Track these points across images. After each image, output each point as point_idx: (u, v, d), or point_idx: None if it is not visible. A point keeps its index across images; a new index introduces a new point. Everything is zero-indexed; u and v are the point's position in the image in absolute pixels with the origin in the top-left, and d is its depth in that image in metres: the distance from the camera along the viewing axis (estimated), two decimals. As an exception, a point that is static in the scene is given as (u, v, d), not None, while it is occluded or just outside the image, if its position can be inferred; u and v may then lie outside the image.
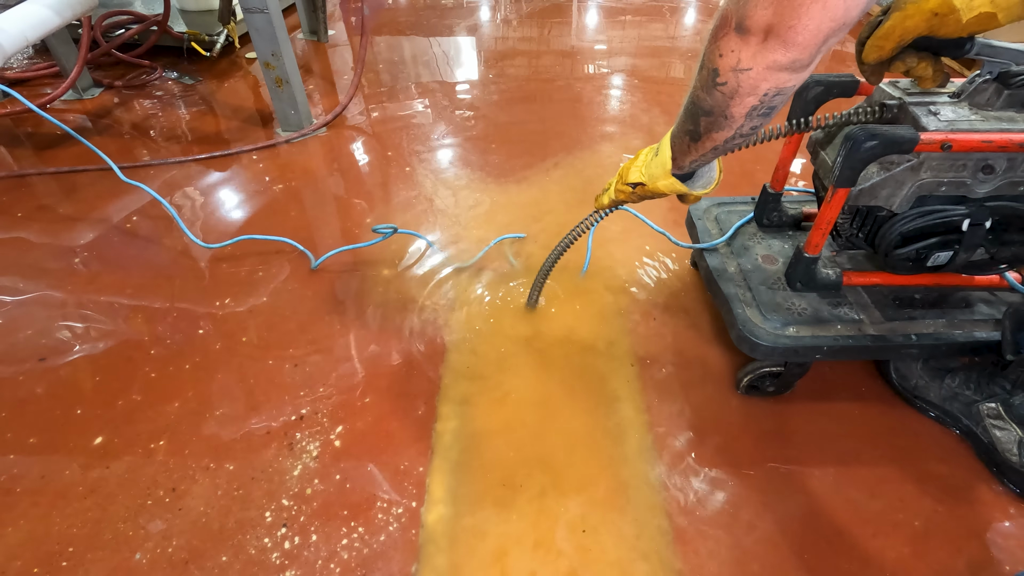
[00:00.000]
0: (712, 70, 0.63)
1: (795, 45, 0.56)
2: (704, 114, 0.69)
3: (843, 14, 0.53)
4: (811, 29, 0.54)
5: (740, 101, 0.64)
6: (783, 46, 0.56)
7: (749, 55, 0.59)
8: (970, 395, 1.06)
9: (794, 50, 0.56)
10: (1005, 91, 0.88)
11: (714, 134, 0.71)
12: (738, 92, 0.63)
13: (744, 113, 0.65)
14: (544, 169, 1.84)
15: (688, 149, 0.78)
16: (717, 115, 0.68)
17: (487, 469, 1.03)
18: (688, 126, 0.74)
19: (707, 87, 0.66)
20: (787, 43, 0.56)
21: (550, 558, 0.91)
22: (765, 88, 0.61)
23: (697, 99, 0.69)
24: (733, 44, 0.60)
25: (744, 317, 1.05)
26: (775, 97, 0.63)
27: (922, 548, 0.94)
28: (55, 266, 1.47)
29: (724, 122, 0.68)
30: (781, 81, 0.60)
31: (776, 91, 0.62)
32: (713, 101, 0.66)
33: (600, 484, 1.01)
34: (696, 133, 0.73)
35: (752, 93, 0.62)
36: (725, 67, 0.62)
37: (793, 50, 0.56)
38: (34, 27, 1.67)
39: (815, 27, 0.54)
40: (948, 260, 0.98)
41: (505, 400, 1.15)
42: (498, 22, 3.10)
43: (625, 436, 1.09)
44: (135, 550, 0.92)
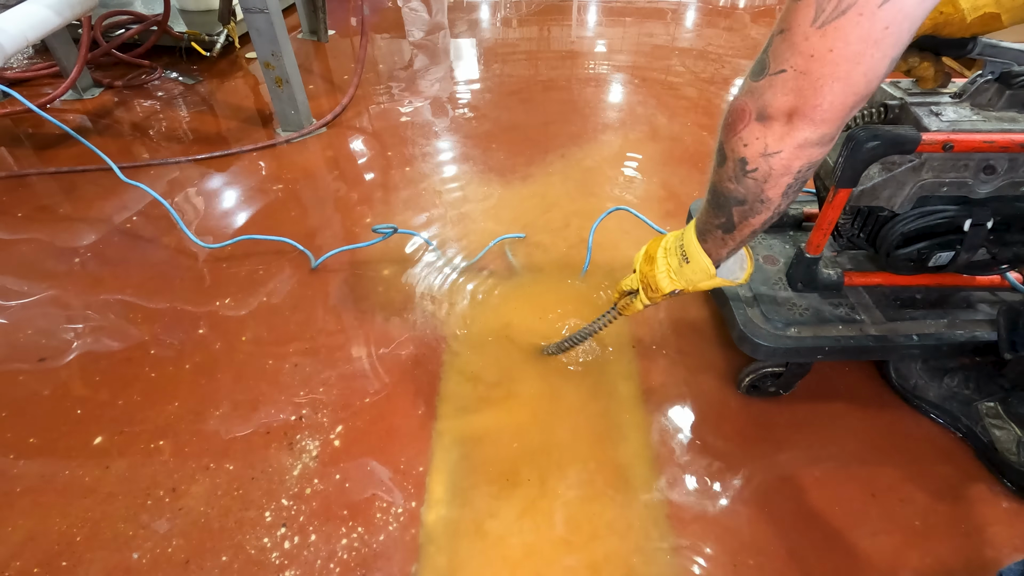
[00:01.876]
0: (739, 160, 0.64)
1: (822, 122, 0.57)
2: (737, 204, 0.69)
3: (864, 86, 0.54)
4: (836, 105, 0.55)
5: (775, 183, 0.64)
6: (811, 125, 0.57)
7: (776, 139, 0.60)
8: (969, 394, 1.06)
9: (822, 126, 0.57)
10: (1007, 91, 0.88)
11: (751, 219, 0.71)
12: (771, 175, 0.63)
13: (780, 193, 0.66)
14: (545, 166, 1.84)
15: (723, 241, 0.76)
16: (752, 201, 0.68)
17: (487, 469, 1.03)
18: (719, 220, 0.74)
19: (736, 178, 0.66)
20: (814, 121, 0.57)
21: (550, 558, 0.91)
22: (798, 166, 0.62)
23: (725, 191, 0.69)
24: (757, 132, 0.61)
25: (745, 318, 1.05)
26: (808, 171, 0.63)
27: (922, 547, 0.93)
28: (55, 266, 1.47)
29: (761, 206, 0.68)
30: (812, 156, 0.61)
31: (808, 166, 0.62)
32: (746, 190, 0.67)
33: (600, 484, 1.01)
34: (730, 224, 0.73)
35: (786, 173, 0.63)
36: (753, 155, 0.62)
37: (821, 126, 0.57)
38: (34, 27, 1.67)
39: (840, 103, 0.55)
40: (949, 260, 0.98)
41: (505, 400, 1.15)
42: (498, 22, 3.10)
43: (625, 436, 1.08)
44: (135, 550, 0.92)
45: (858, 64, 0.52)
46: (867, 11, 0.49)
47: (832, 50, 0.52)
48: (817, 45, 0.52)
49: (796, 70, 0.55)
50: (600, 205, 1.66)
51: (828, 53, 0.52)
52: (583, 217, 1.61)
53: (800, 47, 0.53)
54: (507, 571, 0.90)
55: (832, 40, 0.51)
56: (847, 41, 0.51)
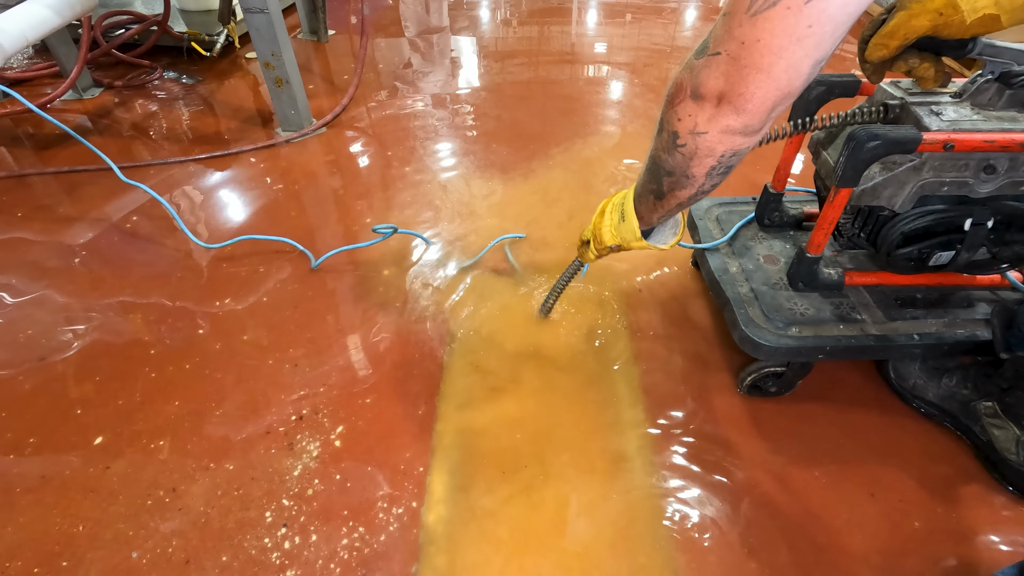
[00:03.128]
0: (672, 132, 0.68)
1: (745, 112, 0.60)
2: (666, 174, 0.74)
3: (786, 84, 0.57)
4: (759, 97, 0.58)
5: (700, 162, 0.68)
6: (735, 112, 0.60)
7: (704, 119, 0.63)
8: (967, 394, 1.06)
9: (744, 116, 0.61)
10: (1007, 91, 0.88)
11: (677, 192, 0.75)
12: (696, 154, 0.67)
13: (704, 173, 0.69)
14: (546, 165, 1.84)
15: (654, 207, 0.83)
16: (679, 175, 0.72)
17: (488, 469, 1.03)
18: (652, 186, 0.79)
19: (668, 148, 0.70)
20: (738, 109, 0.60)
21: (550, 558, 0.91)
22: (721, 150, 0.66)
23: (659, 159, 0.73)
24: (690, 109, 0.64)
25: (746, 317, 1.05)
26: (731, 158, 0.67)
27: (921, 547, 0.93)
28: (55, 266, 1.47)
29: (686, 181, 0.72)
30: (735, 144, 0.65)
31: (732, 152, 0.66)
32: (675, 162, 0.71)
33: (600, 484, 1.01)
34: (660, 192, 0.78)
35: (710, 155, 0.67)
36: (684, 130, 0.66)
37: (744, 116, 0.61)
38: (34, 27, 1.67)
39: (762, 95, 0.58)
40: (950, 260, 0.98)
41: (505, 400, 1.15)
42: (498, 21, 3.10)
43: (625, 436, 1.08)
44: (135, 550, 0.92)
45: (780, 58, 0.54)
46: (794, 6, 0.51)
47: (759, 40, 0.54)
48: (748, 33, 0.54)
49: (728, 55, 0.57)
50: (602, 197, 1.65)
51: (756, 43, 0.54)
52: (584, 215, 1.61)
53: (735, 32, 0.56)
54: (507, 571, 0.90)
55: (760, 30, 0.53)
56: (773, 33, 0.53)
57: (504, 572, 0.90)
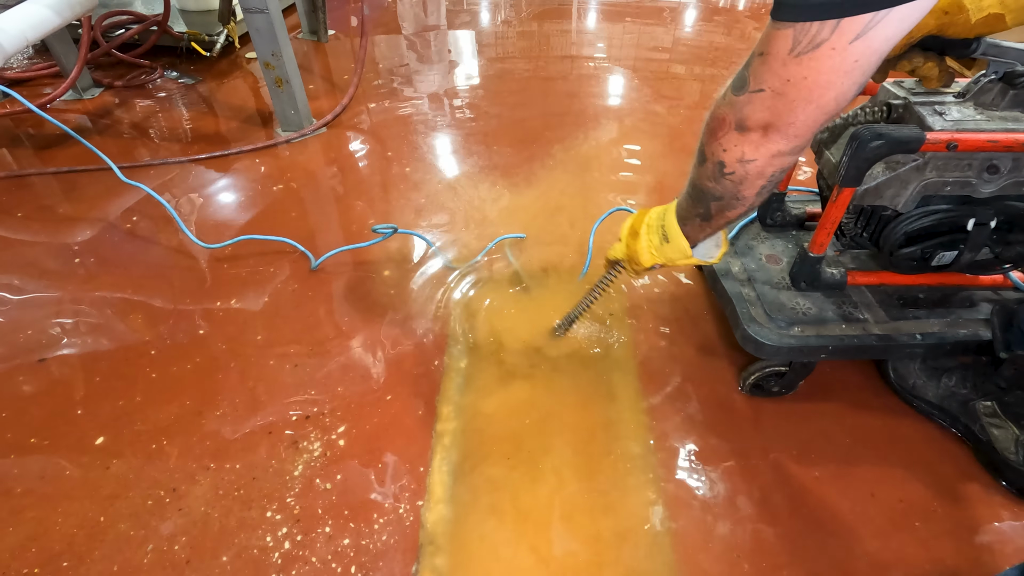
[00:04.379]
0: (718, 163, 0.69)
1: (795, 136, 0.62)
2: (715, 199, 0.75)
3: (835, 108, 0.58)
4: (808, 123, 0.60)
5: (750, 184, 0.69)
6: (784, 138, 0.62)
7: (752, 149, 0.65)
8: (967, 394, 1.06)
9: (794, 140, 0.62)
10: (1010, 91, 0.88)
11: (728, 213, 0.76)
12: (747, 179, 0.68)
13: (755, 193, 0.71)
14: (547, 165, 1.83)
15: (701, 228, 0.83)
16: (729, 198, 0.73)
17: (488, 469, 1.03)
18: (698, 210, 0.80)
19: (714, 178, 0.71)
20: (787, 136, 0.62)
21: (550, 558, 0.91)
22: (771, 172, 0.67)
23: (704, 188, 0.75)
24: (735, 141, 0.65)
25: (749, 317, 1.04)
26: (780, 174, 0.68)
27: (921, 547, 0.93)
28: (55, 266, 1.47)
29: (736, 203, 0.73)
30: (784, 163, 0.66)
31: (780, 170, 0.67)
32: (723, 189, 0.72)
33: (599, 484, 1.01)
34: (707, 215, 0.79)
35: (760, 177, 0.68)
36: (731, 160, 0.67)
37: (793, 140, 0.62)
38: (34, 27, 1.67)
39: (811, 121, 0.59)
40: (953, 260, 0.98)
41: (505, 401, 1.14)
42: (498, 22, 3.10)
43: (626, 437, 1.08)
44: (136, 550, 0.92)
45: (829, 90, 0.56)
46: (839, 46, 0.53)
47: (807, 78, 0.56)
48: (793, 72, 0.56)
49: (773, 91, 0.59)
50: (602, 200, 1.65)
51: (803, 80, 0.56)
52: (585, 215, 1.61)
53: (778, 72, 0.57)
54: (507, 571, 0.90)
55: (807, 69, 0.55)
56: (820, 71, 0.55)
57: (505, 572, 0.90)
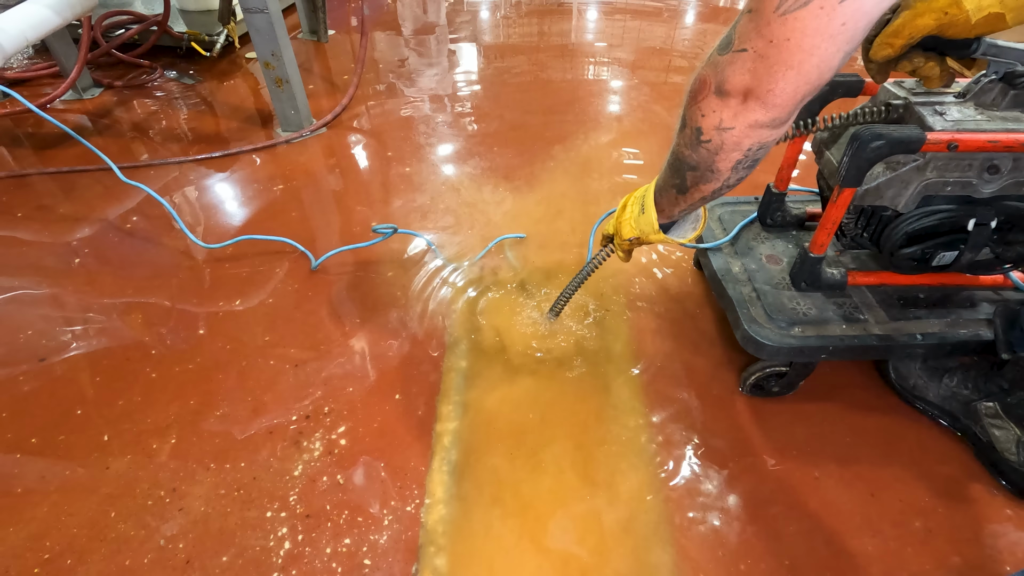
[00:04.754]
0: (695, 129, 0.66)
1: (774, 106, 0.59)
2: (690, 169, 0.72)
3: (816, 77, 0.56)
4: (788, 92, 0.57)
5: (725, 156, 0.67)
6: (762, 107, 0.59)
7: (730, 115, 0.62)
8: (968, 394, 1.06)
9: (773, 110, 0.59)
10: (1011, 91, 0.88)
11: (702, 186, 0.74)
12: (722, 148, 0.66)
13: (730, 167, 0.68)
14: (547, 165, 1.84)
15: (676, 201, 0.81)
16: (703, 170, 0.70)
17: (487, 469, 1.03)
18: (674, 180, 0.77)
19: (691, 145, 0.69)
20: (766, 104, 0.59)
21: (550, 558, 0.91)
22: (748, 144, 0.64)
23: (682, 155, 0.72)
24: (714, 105, 0.63)
25: (749, 317, 1.04)
26: (758, 151, 0.66)
27: (921, 548, 0.93)
28: (55, 266, 1.46)
29: (711, 175, 0.71)
30: (763, 137, 0.63)
31: (759, 146, 0.65)
32: (699, 157, 0.69)
33: (599, 483, 1.01)
34: (683, 187, 0.76)
35: (736, 149, 0.65)
36: (708, 126, 0.65)
37: (772, 110, 0.59)
38: (34, 27, 1.66)
39: (792, 90, 0.57)
40: (953, 260, 0.98)
41: (504, 401, 1.14)
42: (498, 21, 3.10)
43: (626, 437, 1.08)
44: (136, 550, 0.92)
45: (812, 55, 0.54)
46: (827, 5, 0.51)
47: (789, 39, 0.53)
48: (777, 32, 0.53)
49: (756, 52, 0.56)
50: (602, 200, 1.65)
51: (785, 42, 0.53)
52: (585, 214, 1.61)
53: (762, 31, 0.55)
54: (507, 571, 0.90)
55: (791, 29, 0.53)
56: (804, 32, 0.52)
57: (505, 572, 0.90)
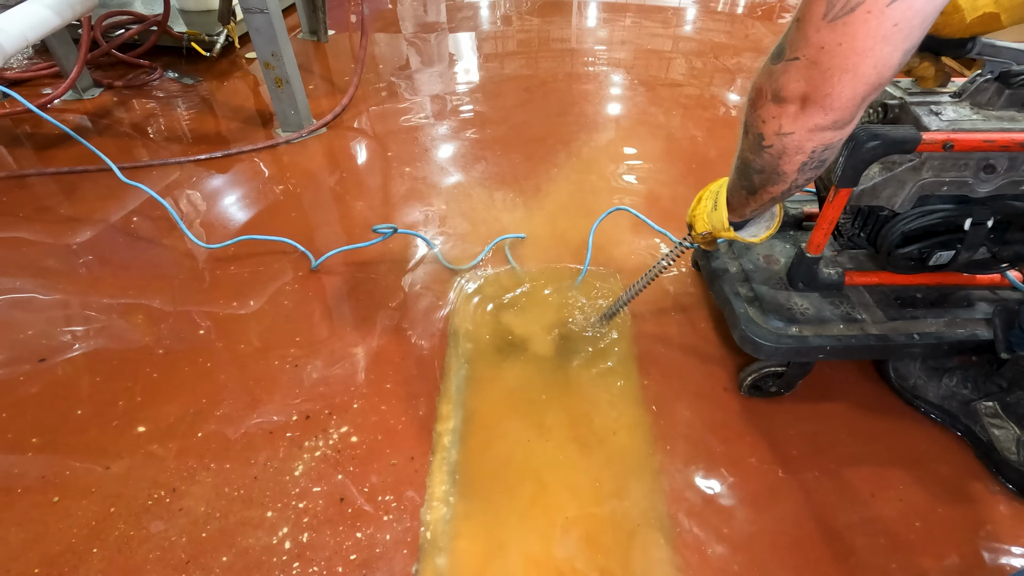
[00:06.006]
0: (757, 135, 0.67)
1: (833, 109, 0.58)
2: (756, 172, 0.73)
3: (876, 77, 0.55)
4: (847, 95, 0.56)
5: (789, 160, 0.67)
6: (821, 111, 0.59)
7: (789, 121, 0.62)
8: (968, 394, 1.06)
9: (833, 113, 0.58)
10: (1006, 90, 0.88)
11: (770, 188, 0.74)
12: (785, 153, 0.66)
13: (796, 169, 0.68)
14: (547, 164, 1.84)
15: (746, 201, 0.82)
16: (769, 173, 0.71)
17: (487, 469, 1.03)
18: (743, 182, 0.78)
19: (755, 150, 0.69)
20: (826, 108, 0.58)
21: (550, 557, 0.91)
22: (811, 147, 0.64)
23: (747, 160, 0.73)
24: (773, 112, 0.63)
25: (747, 317, 1.05)
26: (824, 152, 0.65)
27: (921, 547, 0.93)
28: (55, 267, 1.47)
29: (777, 178, 0.71)
30: (826, 139, 0.62)
31: (823, 147, 0.64)
32: (763, 162, 0.70)
33: (599, 483, 1.01)
34: (752, 187, 0.77)
35: (799, 152, 0.65)
36: (769, 132, 0.65)
37: (832, 113, 0.58)
38: (34, 27, 1.67)
39: (850, 92, 0.56)
40: (950, 259, 0.98)
41: (504, 401, 1.15)
42: (498, 21, 3.10)
43: (626, 437, 1.08)
44: (136, 550, 0.92)
45: (866, 57, 0.53)
46: (875, 9, 0.50)
47: (841, 44, 0.53)
48: (827, 38, 0.53)
49: (808, 59, 0.56)
50: (603, 201, 1.66)
51: (837, 47, 0.53)
52: (585, 214, 1.61)
53: (812, 38, 0.54)
54: (507, 571, 0.90)
55: (841, 35, 0.52)
56: (855, 36, 0.52)
57: (504, 572, 0.90)
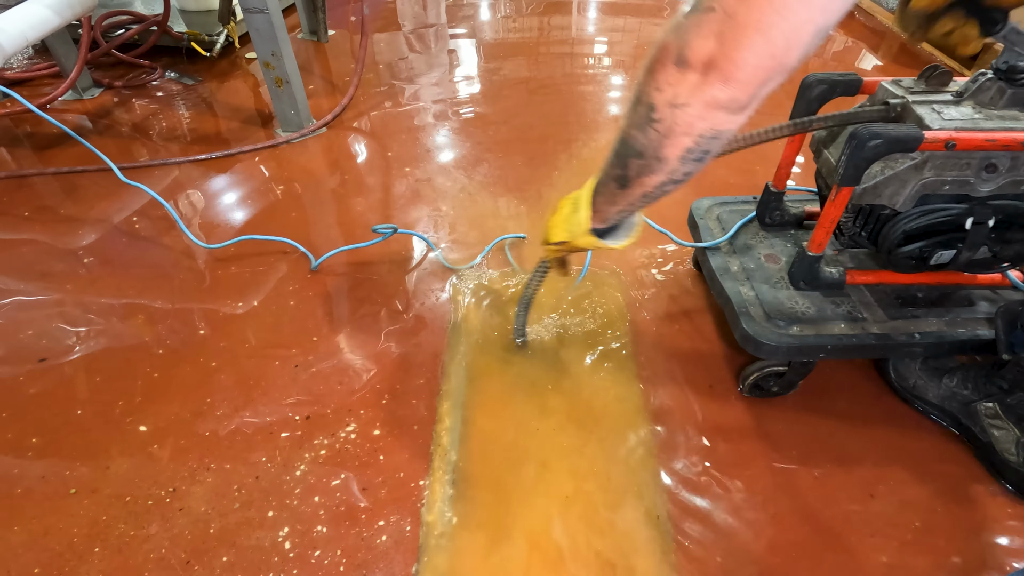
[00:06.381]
0: (648, 106, 0.62)
1: (735, 81, 0.55)
2: (635, 156, 0.67)
3: (783, 51, 0.52)
4: (752, 64, 0.53)
5: (674, 142, 0.62)
6: (723, 81, 0.55)
7: (687, 90, 0.57)
8: (968, 395, 1.06)
9: (733, 86, 0.55)
10: (1009, 90, 0.88)
11: (645, 178, 0.69)
12: (673, 131, 0.61)
13: (678, 156, 0.63)
14: (547, 163, 1.84)
15: (615, 198, 0.75)
16: (649, 157, 0.66)
17: (487, 469, 1.03)
18: (616, 171, 0.72)
19: (641, 125, 0.64)
20: (727, 78, 0.55)
21: (550, 557, 0.91)
22: (701, 128, 0.60)
23: (629, 138, 0.67)
24: (672, 78, 0.58)
25: (748, 316, 1.05)
26: (710, 140, 0.61)
27: (921, 548, 0.93)
28: (55, 267, 1.47)
29: (656, 165, 0.66)
30: (718, 122, 0.59)
31: (712, 133, 0.60)
32: (646, 140, 0.64)
33: (599, 483, 1.01)
34: (625, 178, 0.71)
35: (687, 133, 0.61)
36: (662, 102, 0.60)
37: (732, 86, 0.55)
38: (34, 27, 1.67)
39: (755, 62, 0.53)
40: (951, 259, 0.98)
41: (504, 402, 1.14)
42: (498, 20, 3.10)
43: (626, 436, 1.08)
44: (136, 550, 0.92)
45: (783, 18, 0.50)
46: None
47: None
48: None
49: (724, 10, 0.52)
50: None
51: None
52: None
53: None
54: (507, 571, 0.90)
55: None
56: None
57: (504, 572, 0.90)
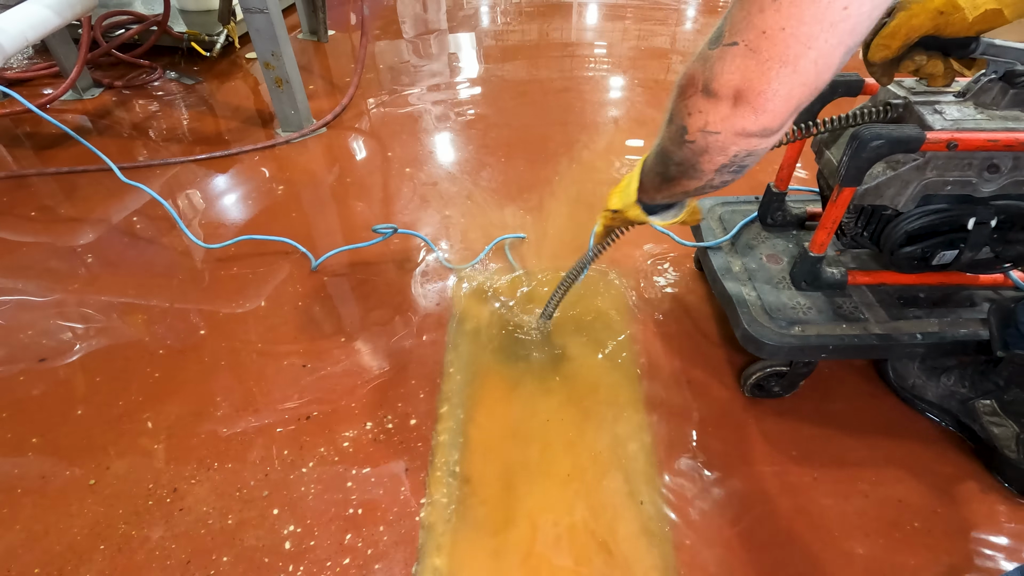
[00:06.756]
0: (680, 127, 0.62)
1: (765, 112, 0.53)
2: (674, 164, 0.68)
3: (814, 78, 0.51)
4: (781, 95, 0.52)
5: (710, 159, 0.62)
6: (752, 113, 0.54)
7: (717, 119, 0.57)
8: (965, 392, 1.06)
9: (764, 117, 0.54)
10: (1011, 90, 0.88)
11: (684, 181, 0.69)
12: (707, 151, 0.61)
13: (714, 169, 0.63)
14: (547, 163, 1.84)
15: (659, 187, 0.76)
16: (687, 167, 0.66)
17: (486, 469, 1.03)
18: (659, 168, 0.73)
19: (676, 142, 0.64)
20: (757, 110, 0.53)
21: (550, 557, 0.91)
22: (734, 151, 0.59)
23: (667, 149, 0.68)
24: (701, 105, 0.57)
25: (749, 316, 1.04)
26: (746, 158, 0.61)
27: (921, 547, 0.93)
28: (55, 266, 1.46)
29: (694, 173, 0.66)
30: (751, 145, 0.58)
31: (747, 153, 0.60)
32: (683, 155, 0.65)
33: (599, 483, 1.01)
34: (667, 176, 0.72)
35: (722, 153, 0.60)
36: (693, 127, 0.60)
37: (763, 117, 0.54)
38: (34, 27, 1.66)
39: (786, 93, 0.52)
40: (953, 259, 0.98)
41: (504, 402, 1.14)
42: (498, 21, 3.10)
43: (627, 436, 1.08)
44: (136, 550, 0.92)
45: (809, 48, 0.49)
46: None
47: (784, 28, 0.48)
48: (771, 21, 0.48)
49: (747, 46, 0.51)
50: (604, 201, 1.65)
51: (780, 32, 0.48)
52: (586, 213, 1.61)
53: (754, 20, 0.49)
54: (507, 571, 0.90)
55: (786, 17, 0.48)
56: (801, 20, 0.47)
57: (504, 572, 0.90)
